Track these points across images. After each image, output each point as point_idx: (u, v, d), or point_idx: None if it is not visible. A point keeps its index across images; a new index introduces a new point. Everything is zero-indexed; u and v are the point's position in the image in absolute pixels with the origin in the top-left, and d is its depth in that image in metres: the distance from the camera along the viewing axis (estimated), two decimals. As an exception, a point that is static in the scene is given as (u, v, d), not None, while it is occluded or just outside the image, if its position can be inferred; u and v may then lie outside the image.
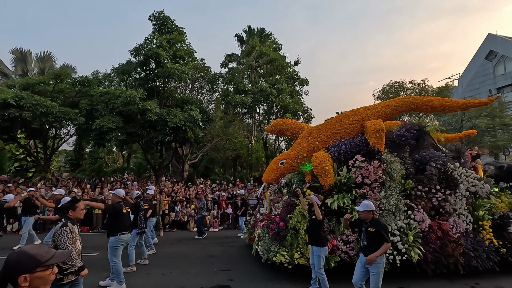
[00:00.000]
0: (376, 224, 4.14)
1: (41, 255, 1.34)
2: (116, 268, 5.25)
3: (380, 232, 3.99)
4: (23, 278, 1.29)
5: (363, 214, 4.25)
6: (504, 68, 34.38)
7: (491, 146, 20.06)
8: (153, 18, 17.97)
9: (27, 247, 1.37)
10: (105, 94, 16.00)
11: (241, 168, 27.67)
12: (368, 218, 4.22)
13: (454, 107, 7.13)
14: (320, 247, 4.85)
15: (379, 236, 3.98)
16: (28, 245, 1.38)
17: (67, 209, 3.38)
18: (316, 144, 6.93)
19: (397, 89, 24.45)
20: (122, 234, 5.37)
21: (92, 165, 25.52)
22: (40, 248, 1.38)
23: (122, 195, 5.62)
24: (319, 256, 4.82)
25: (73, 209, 3.40)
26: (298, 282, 5.58)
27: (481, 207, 6.35)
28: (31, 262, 1.31)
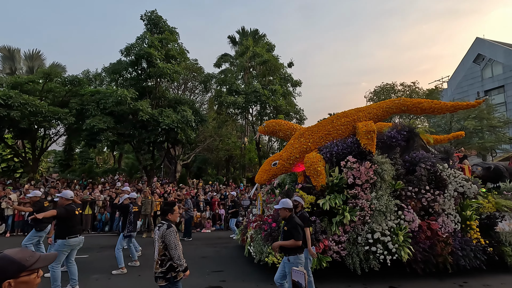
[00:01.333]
0: (289, 222, 4.12)
1: (25, 259, 1.30)
2: (53, 275, 4.88)
3: (291, 230, 4.01)
4: (7, 284, 1.25)
5: (280, 212, 4.21)
6: (492, 71, 35.25)
7: (479, 147, 20.52)
8: (145, 18, 17.81)
9: (10, 251, 1.31)
10: (95, 94, 15.79)
11: (234, 169, 27.63)
12: (286, 216, 4.18)
13: (443, 109, 7.28)
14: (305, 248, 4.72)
15: (291, 234, 3.99)
16: (12, 249, 1.33)
17: (166, 212, 3.56)
18: (309, 145, 6.97)
19: (388, 91, 24.81)
20: (72, 238, 5.05)
21: (83, 165, 25.10)
22: (24, 252, 1.33)
23: (69, 196, 5.27)
24: (306, 257, 4.68)
25: (171, 212, 3.55)
26: (290, 283, 5.60)
27: (469, 207, 6.49)
28: (15, 267, 1.27)
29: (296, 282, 1.50)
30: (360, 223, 5.87)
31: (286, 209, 4.16)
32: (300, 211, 4.98)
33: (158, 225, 3.49)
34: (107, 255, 7.65)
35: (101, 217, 11.69)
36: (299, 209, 5.01)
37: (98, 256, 7.58)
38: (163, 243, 3.33)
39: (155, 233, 3.49)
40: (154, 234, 3.45)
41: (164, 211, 3.59)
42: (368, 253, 5.64)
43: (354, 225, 5.86)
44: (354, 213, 5.82)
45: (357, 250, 5.68)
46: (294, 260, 3.99)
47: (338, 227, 5.82)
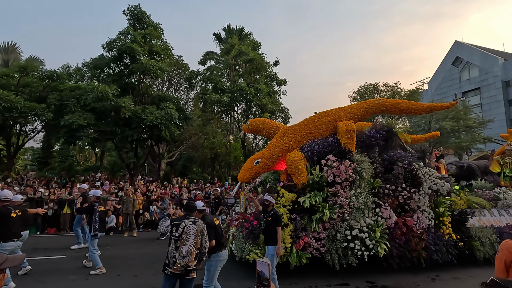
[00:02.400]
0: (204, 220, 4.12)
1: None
2: None
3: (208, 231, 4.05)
4: None
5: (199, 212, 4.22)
6: (469, 73, 36.75)
7: (455, 146, 21.38)
8: (127, 13, 17.37)
9: None
10: (75, 89, 15.29)
11: (220, 167, 27.53)
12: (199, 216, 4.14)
13: (420, 110, 7.56)
14: (275, 246, 4.83)
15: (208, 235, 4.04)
16: None
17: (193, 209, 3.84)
18: (291, 143, 7.06)
19: (372, 91, 25.35)
20: (8, 242, 4.81)
21: (62, 163, 24.28)
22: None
23: (3, 197, 4.95)
24: (273, 255, 4.80)
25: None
26: (271, 279, 5.68)
27: (442, 204, 6.78)
28: None
29: (259, 272, 1.54)
30: (339, 220, 6.02)
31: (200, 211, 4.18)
32: (271, 210, 5.04)
33: (191, 219, 3.56)
34: (85, 255, 7.49)
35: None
36: (270, 208, 5.06)
37: (75, 256, 7.39)
38: (202, 237, 3.54)
39: (187, 227, 3.45)
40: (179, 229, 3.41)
41: (191, 208, 3.77)
42: (346, 249, 5.80)
43: (334, 222, 6.00)
44: (333, 211, 5.96)
45: (336, 246, 5.83)
46: (214, 258, 4.09)
47: (318, 224, 5.95)
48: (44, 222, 10.87)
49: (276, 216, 4.94)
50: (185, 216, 3.61)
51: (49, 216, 10.88)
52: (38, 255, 7.32)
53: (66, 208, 10.96)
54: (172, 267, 3.34)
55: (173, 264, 3.35)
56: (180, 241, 3.38)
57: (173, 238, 3.41)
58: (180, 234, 3.39)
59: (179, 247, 3.37)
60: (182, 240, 3.39)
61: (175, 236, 3.40)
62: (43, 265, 6.50)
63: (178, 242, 3.38)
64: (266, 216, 5.08)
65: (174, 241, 3.40)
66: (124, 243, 9.24)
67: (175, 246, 3.38)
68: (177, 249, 3.36)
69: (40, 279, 5.63)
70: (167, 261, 3.41)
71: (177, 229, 3.42)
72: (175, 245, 3.38)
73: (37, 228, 10.77)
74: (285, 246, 5.70)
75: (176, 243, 3.38)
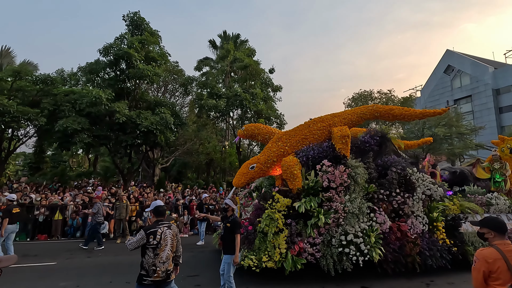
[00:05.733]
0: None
1: None
2: None
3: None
4: None
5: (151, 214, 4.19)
6: (460, 81, 37.48)
7: (448, 153, 21.66)
8: (127, 19, 17.45)
9: None
10: (70, 94, 15.17)
11: (215, 173, 27.41)
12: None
13: (413, 116, 7.66)
14: (232, 254, 4.64)
15: None
16: None
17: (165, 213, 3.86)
18: (286, 149, 7.09)
19: (366, 98, 25.66)
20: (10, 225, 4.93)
21: (55, 168, 23.94)
22: None
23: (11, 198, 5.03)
24: (229, 263, 4.63)
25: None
26: (266, 285, 5.63)
27: (436, 209, 6.83)
28: None
29: None
30: (334, 225, 6.02)
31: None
32: (231, 215, 4.87)
33: (166, 224, 3.56)
34: (77, 262, 7.36)
35: (72, 222, 11.19)
36: (229, 214, 4.91)
37: (66, 263, 7.25)
38: (177, 240, 3.66)
39: (164, 233, 3.45)
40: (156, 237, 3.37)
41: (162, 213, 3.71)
42: (341, 255, 5.79)
43: (329, 227, 6.00)
44: (328, 216, 5.96)
45: (331, 251, 5.81)
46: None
47: (313, 229, 5.94)
48: (34, 228, 10.65)
49: (235, 222, 4.74)
50: (158, 222, 3.55)
51: (39, 222, 10.68)
52: (28, 262, 7.16)
53: (57, 214, 10.78)
54: (153, 275, 3.32)
55: (153, 273, 3.32)
56: (159, 248, 3.38)
57: (151, 247, 3.35)
58: (159, 241, 3.38)
59: (159, 254, 3.37)
60: (161, 246, 3.39)
61: (153, 244, 3.35)
62: (33, 272, 6.36)
63: (157, 249, 3.36)
64: (225, 222, 4.86)
65: (152, 249, 3.36)
66: (116, 249, 9.10)
67: (153, 254, 3.35)
68: (157, 256, 3.36)
69: (30, 286, 5.50)
70: (145, 272, 3.34)
71: (155, 237, 3.38)
72: (154, 253, 3.36)
73: (27, 234, 10.55)
74: (280, 251, 5.67)
75: (155, 251, 3.36)
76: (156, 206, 3.72)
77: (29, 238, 10.48)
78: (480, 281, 2.37)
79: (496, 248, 2.40)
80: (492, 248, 2.41)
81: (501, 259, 2.31)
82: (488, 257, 2.35)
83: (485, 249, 2.46)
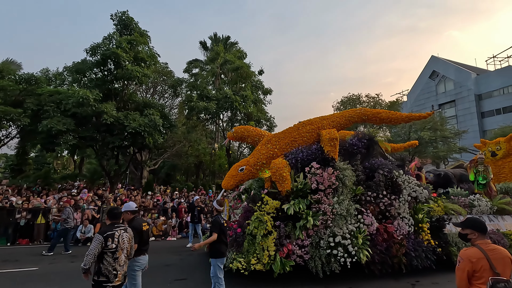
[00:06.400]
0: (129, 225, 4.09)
1: None
2: None
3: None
4: None
5: (123, 215, 4.16)
6: (445, 87, 38.62)
7: (433, 156, 22.24)
8: (115, 18, 17.15)
9: None
10: (55, 94, 14.77)
11: (204, 175, 27.21)
12: (127, 219, 4.14)
13: (399, 119, 7.84)
14: (216, 258, 4.70)
15: None
16: None
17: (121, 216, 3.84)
18: (275, 151, 7.11)
19: (354, 102, 26.11)
20: None
21: (38, 171, 23.18)
22: None
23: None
24: (214, 265, 4.70)
25: None
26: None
27: (421, 210, 6.98)
28: None
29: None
30: (322, 227, 6.06)
31: (127, 212, 4.14)
32: (216, 215, 5.02)
33: (122, 227, 3.52)
34: (59, 267, 7.13)
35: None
36: (215, 214, 5.08)
37: (48, 268, 7.02)
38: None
39: (121, 236, 3.41)
40: (114, 240, 3.32)
41: (117, 215, 3.62)
42: (329, 256, 5.83)
43: (317, 229, 6.04)
44: (317, 218, 6.00)
45: (319, 253, 5.85)
46: (131, 263, 3.95)
47: (302, 231, 5.96)
48: (15, 233, 10.28)
49: (213, 222, 4.83)
50: (114, 225, 3.48)
51: (21, 226, 10.31)
52: (8, 267, 6.91)
53: (40, 217, 10.45)
54: (114, 280, 3.26)
55: (114, 277, 3.26)
56: (118, 252, 3.33)
57: (110, 251, 3.27)
58: (117, 245, 3.33)
59: (118, 257, 3.32)
60: (119, 250, 3.35)
61: (112, 248, 3.28)
62: (14, 278, 6.12)
63: (116, 253, 3.31)
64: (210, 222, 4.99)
65: (111, 253, 3.29)
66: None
67: (113, 259, 3.28)
68: (116, 260, 3.30)
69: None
70: (105, 278, 3.22)
71: (113, 240, 3.31)
72: (113, 257, 3.29)
73: (8, 239, 10.17)
74: (269, 254, 5.67)
75: (114, 255, 3.30)
76: (111, 209, 3.67)
77: (10, 242, 10.10)
78: (464, 281, 2.43)
79: (479, 247, 2.46)
80: (475, 248, 2.48)
81: (484, 258, 2.38)
82: (472, 256, 2.41)
83: (469, 249, 2.53)
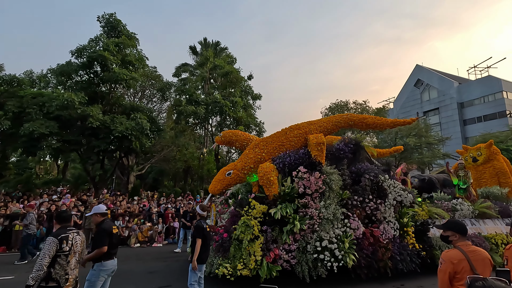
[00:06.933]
0: (97, 228, 4.07)
1: None
2: None
3: (95, 237, 4.05)
4: None
5: (92, 217, 4.15)
6: (429, 95, 39.79)
7: (418, 162, 22.75)
8: (102, 20, 16.91)
9: None
10: (38, 96, 14.37)
11: (192, 180, 26.89)
12: (96, 222, 4.10)
13: (384, 125, 8.00)
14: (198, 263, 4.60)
15: (94, 241, 3.98)
16: None
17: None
18: (263, 155, 7.10)
19: (342, 108, 26.56)
20: None
21: (19, 176, 22.35)
22: None
23: None
24: (192, 270, 4.62)
25: None
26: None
27: (406, 214, 7.08)
28: None
29: None
30: (309, 232, 6.05)
31: (97, 214, 4.09)
32: (198, 220, 4.93)
33: (74, 230, 3.43)
34: (38, 275, 6.81)
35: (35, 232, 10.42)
36: (198, 218, 5.00)
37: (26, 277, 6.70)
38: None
39: (74, 239, 3.34)
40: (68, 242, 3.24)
41: (67, 218, 3.53)
42: (316, 261, 5.81)
43: (304, 234, 6.02)
44: (304, 222, 5.99)
45: (306, 258, 5.82)
46: (97, 268, 3.89)
47: (289, 236, 5.94)
48: (-9, 240, 9.82)
49: (196, 227, 4.73)
50: (66, 228, 3.40)
51: (-2, 232, 9.87)
52: (-19, 276, 6.56)
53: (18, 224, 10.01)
54: (65, 284, 3.17)
55: (65, 282, 3.18)
56: (70, 255, 3.27)
57: (63, 254, 3.19)
58: (70, 247, 3.27)
59: (70, 261, 3.25)
60: (72, 253, 3.29)
61: (66, 251, 3.20)
62: (-14, 287, 5.82)
63: (68, 256, 3.24)
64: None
65: (65, 256, 3.20)
66: (84, 261, 8.56)
67: (66, 262, 3.21)
68: (68, 263, 3.23)
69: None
70: (55, 283, 3.12)
71: (67, 242, 3.25)
72: (66, 260, 3.21)
73: (-17, 246, 9.71)
74: (255, 259, 5.60)
75: (66, 258, 3.22)
76: (60, 212, 3.60)
77: (-15, 250, 9.64)
78: (446, 282, 2.45)
79: (459, 249, 2.50)
80: (456, 250, 2.51)
81: (464, 259, 2.41)
82: (453, 258, 2.44)
83: (450, 250, 2.56)
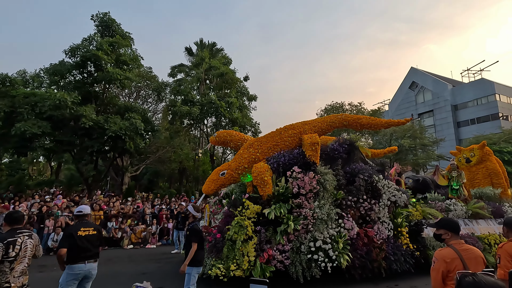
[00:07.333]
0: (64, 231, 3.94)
1: None
2: None
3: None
4: None
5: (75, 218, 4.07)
6: (423, 97, 40.15)
7: (413, 163, 22.90)
8: (96, 19, 16.77)
9: None
10: (30, 96, 14.16)
11: (187, 181, 26.74)
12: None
13: (379, 125, 8.01)
14: (192, 266, 4.41)
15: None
16: None
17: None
18: (257, 155, 7.06)
19: (338, 110, 26.65)
20: None
21: (11, 177, 22.03)
22: None
23: None
24: (189, 274, 4.43)
25: None
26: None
27: (400, 215, 7.08)
28: None
29: None
30: (303, 232, 6.01)
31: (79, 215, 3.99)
32: (192, 222, 4.70)
33: (26, 233, 3.18)
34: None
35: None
36: (191, 220, 4.75)
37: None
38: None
39: (24, 242, 3.10)
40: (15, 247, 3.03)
41: (19, 219, 3.26)
42: (310, 261, 5.76)
43: (298, 234, 5.98)
44: (298, 222, 5.95)
45: (300, 258, 5.78)
46: (65, 271, 3.77)
47: (283, 236, 5.89)
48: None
49: (192, 230, 4.49)
50: (17, 230, 3.14)
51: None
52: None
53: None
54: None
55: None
56: (16, 261, 3.02)
57: (8, 260, 2.95)
58: (18, 253, 3.02)
59: (14, 268, 3.00)
60: (19, 258, 3.04)
61: (12, 257, 2.98)
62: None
63: (14, 262, 3.00)
64: (186, 230, 4.65)
65: (9, 262, 2.97)
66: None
67: (10, 269, 2.97)
68: (12, 270, 2.98)
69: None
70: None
71: (14, 247, 3.00)
72: (10, 267, 2.97)
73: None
74: (248, 259, 5.55)
75: (11, 264, 2.98)
76: (10, 213, 3.33)
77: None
78: (439, 281, 2.42)
79: (452, 247, 2.47)
80: (449, 248, 2.49)
81: (457, 258, 2.39)
82: (446, 256, 2.42)
83: (443, 249, 2.53)
